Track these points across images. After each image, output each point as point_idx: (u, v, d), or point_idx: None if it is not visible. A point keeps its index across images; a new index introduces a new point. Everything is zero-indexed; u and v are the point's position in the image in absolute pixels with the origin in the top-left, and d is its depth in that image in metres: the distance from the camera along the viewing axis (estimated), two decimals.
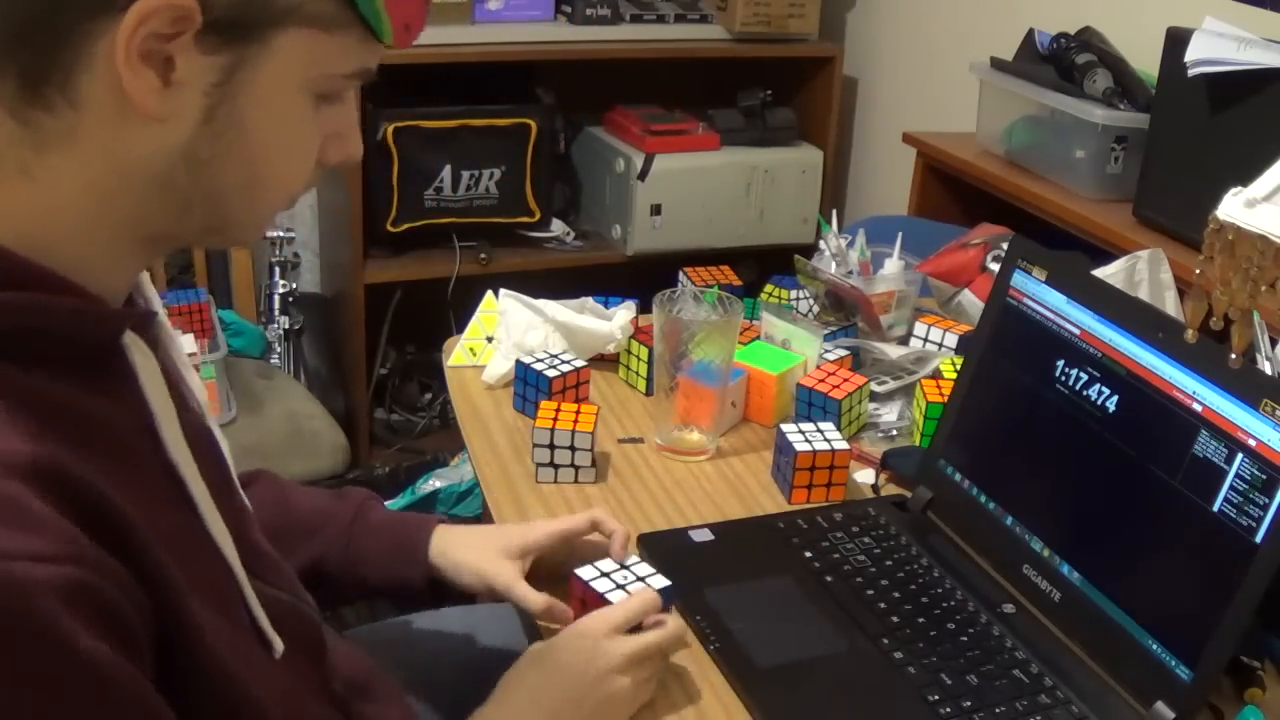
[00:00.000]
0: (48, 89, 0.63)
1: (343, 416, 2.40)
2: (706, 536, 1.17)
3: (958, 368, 1.30)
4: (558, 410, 1.25)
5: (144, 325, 0.73)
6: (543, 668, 0.94)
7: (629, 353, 1.47)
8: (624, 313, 1.48)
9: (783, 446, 1.26)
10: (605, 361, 1.49)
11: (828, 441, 1.24)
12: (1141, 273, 1.48)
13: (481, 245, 2.58)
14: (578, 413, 1.25)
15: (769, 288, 1.67)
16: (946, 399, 1.27)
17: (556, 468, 1.25)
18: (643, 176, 2.57)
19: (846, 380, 1.37)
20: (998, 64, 2.07)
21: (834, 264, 1.60)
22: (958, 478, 1.21)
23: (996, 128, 2.08)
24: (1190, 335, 0.81)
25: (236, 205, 0.71)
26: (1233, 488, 0.93)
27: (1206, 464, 0.95)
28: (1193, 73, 1.60)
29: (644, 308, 1.42)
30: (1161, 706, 0.95)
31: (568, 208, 2.77)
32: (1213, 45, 1.59)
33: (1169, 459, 0.98)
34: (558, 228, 2.68)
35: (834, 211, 1.85)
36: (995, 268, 1.51)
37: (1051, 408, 1.11)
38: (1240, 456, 0.93)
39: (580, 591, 1.00)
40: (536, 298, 1.49)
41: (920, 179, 2.19)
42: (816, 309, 1.62)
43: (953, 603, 1.09)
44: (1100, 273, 1.40)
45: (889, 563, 1.14)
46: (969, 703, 0.96)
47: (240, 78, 0.66)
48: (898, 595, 1.09)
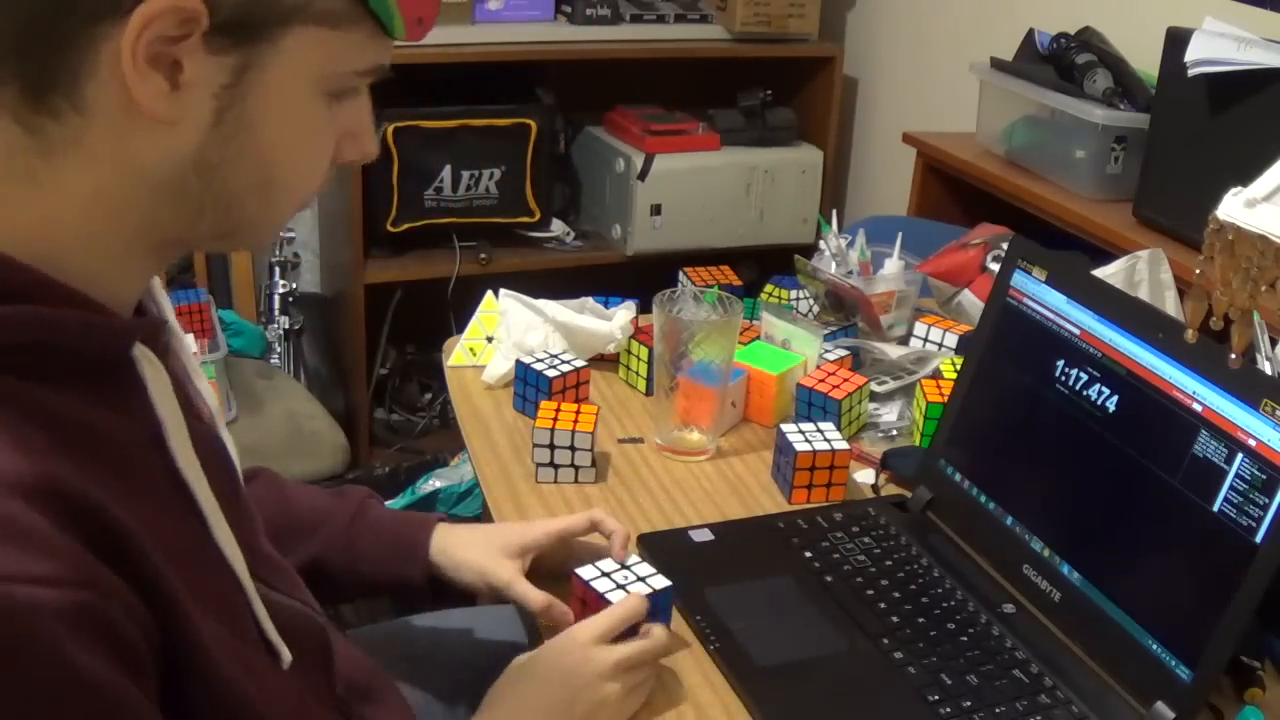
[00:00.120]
0: (53, 95, 0.62)
1: (343, 416, 2.41)
2: (706, 536, 1.17)
3: (958, 368, 1.30)
4: (558, 410, 1.25)
5: (154, 336, 0.72)
6: (529, 678, 0.93)
7: (629, 353, 1.47)
8: (624, 313, 1.48)
9: (783, 446, 1.26)
10: (605, 361, 1.49)
11: (828, 441, 1.24)
12: (1141, 273, 1.48)
13: (481, 245, 2.58)
14: (578, 413, 1.25)
15: (769, 288, 1.67)
16: (946, 399, 1.27)
17: (556, 468, 1.25)
18: (643, 176, 2.57)
19: (846, 380, 1.37)
20: (998, 64, 2.07)
21: (834, 264, 1.60)
22: (958, 478, 1.21)
23: (996, 128, 2.08)
24: (1190, 335, 0.81)
25: (250, 209, 0.70)
26: (1233, 488, 0.93)
27: (1206, 464, 0.95)
28: (1193, 73, 1.60)
29: (644, 308, 1.42)
30: (1161, 706, 0.95)
31: (568, 208, 2.77)
32: (1213, 45, 1.59)
33: (1169, 459, 0.98)
34: (558, 228, 2.67)
35: (834, 211, 1.85)
36: (995, 268, 1.51)
37: (1051, 408, 1.11)
38: (1240, 456, 0.93)
39: (581, 591, 1.00)
40: (536, 298, 1.49)
41: (920, 179, 2.19)
42: (816, 309, 1.62)
43: (953, 603, 1.09)
44: (1100, 273, 1.40)
45: (889, 563, 1.14)
46: (969, 703, 0.96)
47: (250, 78, 0.65)
48: (898, 595, 1.09)
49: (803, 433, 1.25)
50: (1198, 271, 0.76)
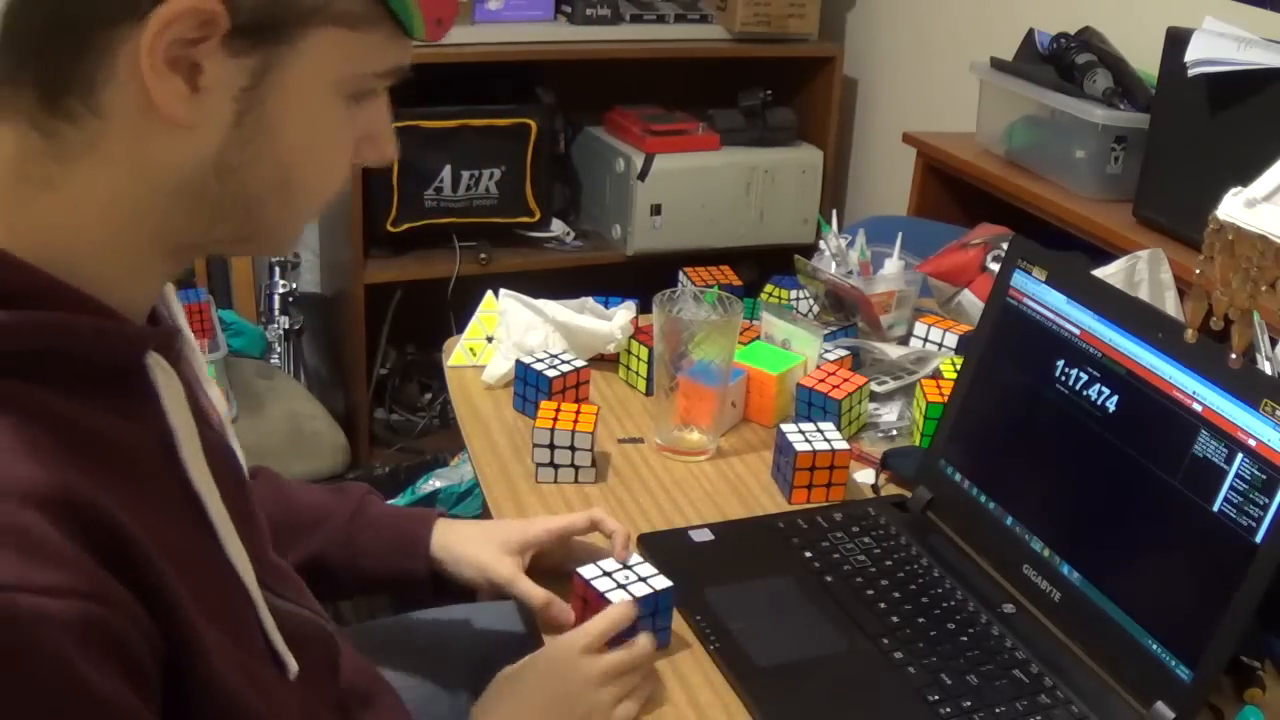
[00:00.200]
0: (69, 99, 0.62)
1: (343, 416, 2.40)
2: (706, 536, 1.17)
3: (958, 368, 1.30)
4: (558, 410, 1.25)
5: (168, 344, 0.72)
6: (519, 689, 0.93)
7: (629, 353, 1.47)
8: (624, 313, 1.48)
9: (783, 446, 1.26)
10: (605, 361, 1.49)
11: (828, 441, 1.24)
12: (1141, 273, 1.48)
13: (481, 245, 2.58)
14: (578, 413, 1.25)
15: (769, 288, 1.67)
16: (946, 399, 1.27)
17: (556, 468, 1.25)
18: (643, 176, 2.57)
19: (846, 380, 1.37)
20: (998, 64, 2.07)
21: (834, 264, 1.60)
22: (958, 478, 1.21)
23: (996, 128, 2.08)
24: (1190, 335, 0.81)
25: (270, 212, 0.69)
26: (1233, 488, 0.93)
27: (1206, 464, 0.95)
28: (1193, 73, 1.60)
29: (644, 308, 1.42)
30: (1161, 706, 0.95)
31: (568, 208, 2.77)
32: (1213, 45, 1.59)
33: (1169, 459, 0.98)
34: (558, 228, 2.67)
35: (834, 211, 1.85)
36: (995, 268, 1.51)
37: (1051, 408, 1.11)
38: (1240, 456, 0.93)
39: (582, 590, 1.00)
40: (536, 298, 1.49)
41: (920, 179, 2.19)
42: (816, 309, 1.62)
43: (953, 603, 1.09)
44: (1100, 273, 1.40)
45: (889, 563, 1.14)
46: (969, 703, 0.96)
47: (269, 80, 0.64)
48: (898, 595, 1.09)
49: (803, 433, 1.25)
50: (1198, 271, 0.76)
